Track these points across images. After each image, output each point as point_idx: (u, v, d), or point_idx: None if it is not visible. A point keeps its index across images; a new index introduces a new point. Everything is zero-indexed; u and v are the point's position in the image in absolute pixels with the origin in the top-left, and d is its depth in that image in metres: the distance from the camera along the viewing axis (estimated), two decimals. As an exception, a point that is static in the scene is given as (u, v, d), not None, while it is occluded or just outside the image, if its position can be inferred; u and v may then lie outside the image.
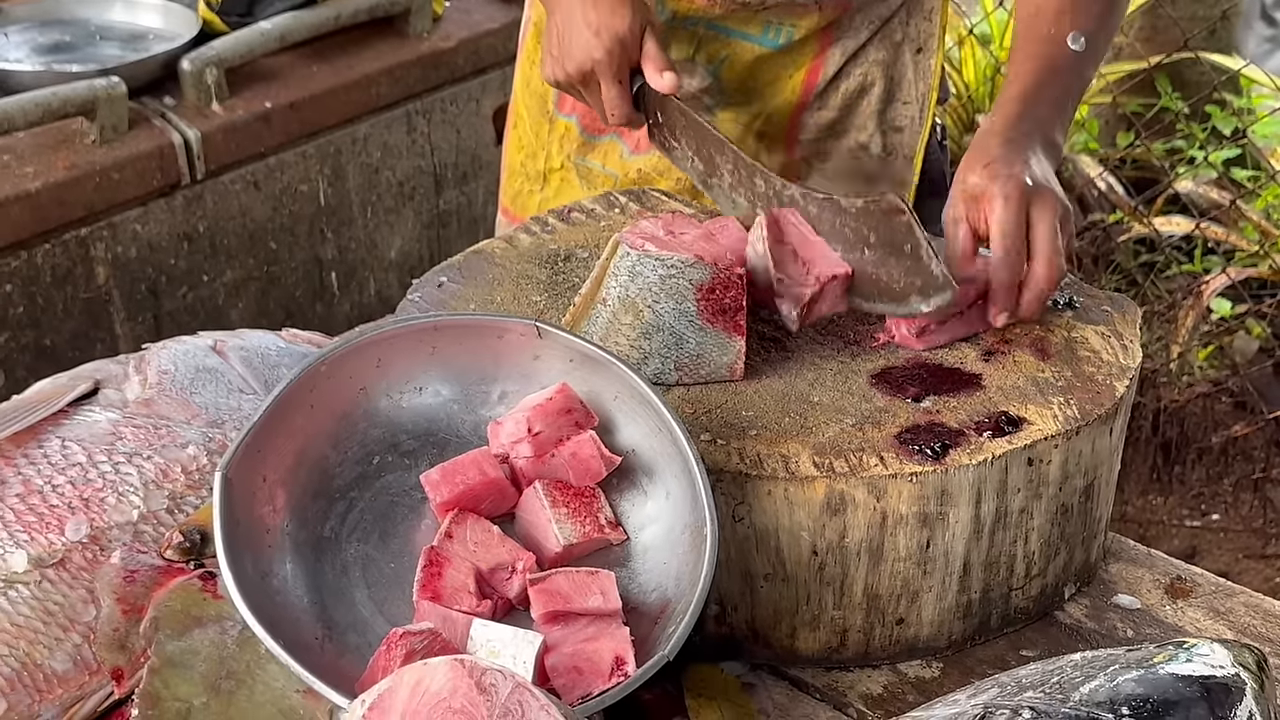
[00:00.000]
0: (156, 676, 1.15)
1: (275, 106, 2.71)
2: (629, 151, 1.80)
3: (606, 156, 1.82)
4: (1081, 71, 1.57)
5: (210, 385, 1.44)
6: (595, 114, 1.78)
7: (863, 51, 1.75)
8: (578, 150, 1.85)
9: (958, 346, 1.39)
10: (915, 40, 1.76)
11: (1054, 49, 1.53)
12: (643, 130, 1.64)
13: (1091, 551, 1.39)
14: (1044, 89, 1.52)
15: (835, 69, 1.75)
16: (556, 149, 1.86)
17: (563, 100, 1.83)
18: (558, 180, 1.87)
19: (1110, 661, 1.02)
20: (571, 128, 1.84)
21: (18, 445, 1.34)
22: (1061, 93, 1.54)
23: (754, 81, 1.75)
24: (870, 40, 1.75)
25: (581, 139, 1.84)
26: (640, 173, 1.79)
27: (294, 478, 1.24)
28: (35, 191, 2.39)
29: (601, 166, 1.82)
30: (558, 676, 1.14)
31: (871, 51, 1.75)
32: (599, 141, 1.82)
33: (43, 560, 1.27)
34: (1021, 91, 1.51)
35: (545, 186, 1.89)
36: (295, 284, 2.86)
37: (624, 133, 1.79)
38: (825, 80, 1.76)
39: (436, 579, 1.19)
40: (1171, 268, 3.63)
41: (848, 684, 1.30)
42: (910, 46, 1.77)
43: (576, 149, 1.85)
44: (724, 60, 1.73)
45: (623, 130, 1.78)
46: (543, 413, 1.26)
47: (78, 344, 2.50)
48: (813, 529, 1.25)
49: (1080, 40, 1.53)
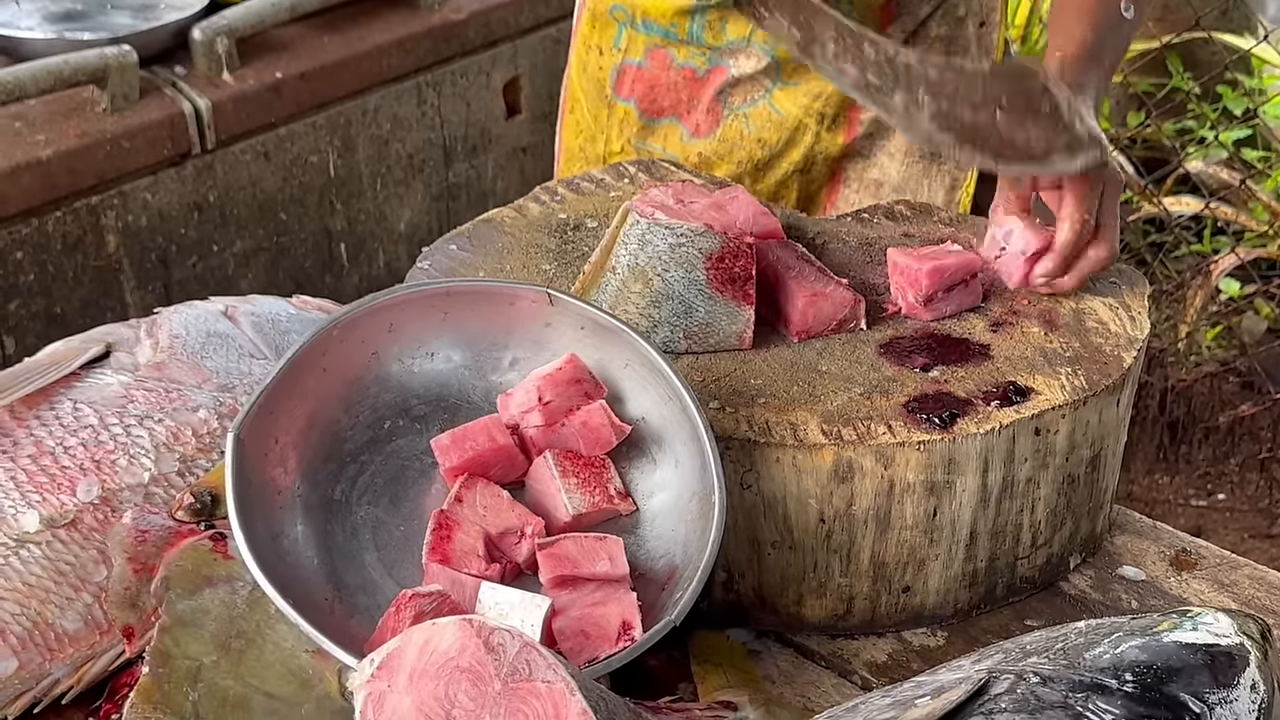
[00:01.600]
0: (167, 635, 1.16)
1: (286, 77, 2.71)
2: (689, 135, 1.80)
3: (666, 139, 1.82)
4: (1127, 40, 1.54)
5: (221, 350, 1.44)
6: (653, 97, 1.78)
7: (923, 28, 1.74)
8: (637, 134, 1.84)
9: (966, 317, 1.39)
10: (978, 14, 1.75)
11: (1107, 13, 1.48)
12: (703, 112, 1.63)
13: (1097, 523, 1.39)
14: (1098, 52, 1.47)
15: None
16: (616, 133, 1.86)
17: (620, 84, 1.82)
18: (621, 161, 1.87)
19: (1114, 629, 1.02)
20: (630, 112, 1.83)
21: (30, 407, 1.35)
22: (1112, 57, 1.50)
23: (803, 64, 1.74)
24: (931, 16, 1.73)
25: (641, 123, 1.83)
26: (701, 156, 1.79)
27: (305, 440, 1.25)
28: (46, 159, 2.40)
29: (662, 149, 1.82)
30: (565, 640, 1.15)
31: (933, 28, 1.74)
32: (658, 125, 1.82)
33: (54, 521, 1.28)
34: (1079, 52, 1.46)
35: None
36: (305, 255, 2.86)
37: (683, 115, 1.79)
38: None
39: (446, 542, 1.20)
40: (1181, 247, 3.63)
41: (852, 651, 1.31)
42: (973, 20, 1.75)
43: (636, 133, 1.84)
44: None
45: (681, 112, 1.78)
46: (552, 382, 1.27)
47: (88, 312, 2.51)
48: (820, 497, 1.25)
49: (1132, 9, 1.49)
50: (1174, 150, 3.64)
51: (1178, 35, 3.54)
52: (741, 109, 1.76)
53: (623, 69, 1.81)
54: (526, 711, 0.95)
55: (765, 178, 1.78)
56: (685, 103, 1.79)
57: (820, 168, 1.78)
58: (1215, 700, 0.94)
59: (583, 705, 0.94)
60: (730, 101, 1.77)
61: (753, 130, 1.77)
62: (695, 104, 1.79)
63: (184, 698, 1.13)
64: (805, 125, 1.75)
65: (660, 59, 1.78)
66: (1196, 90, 3.71)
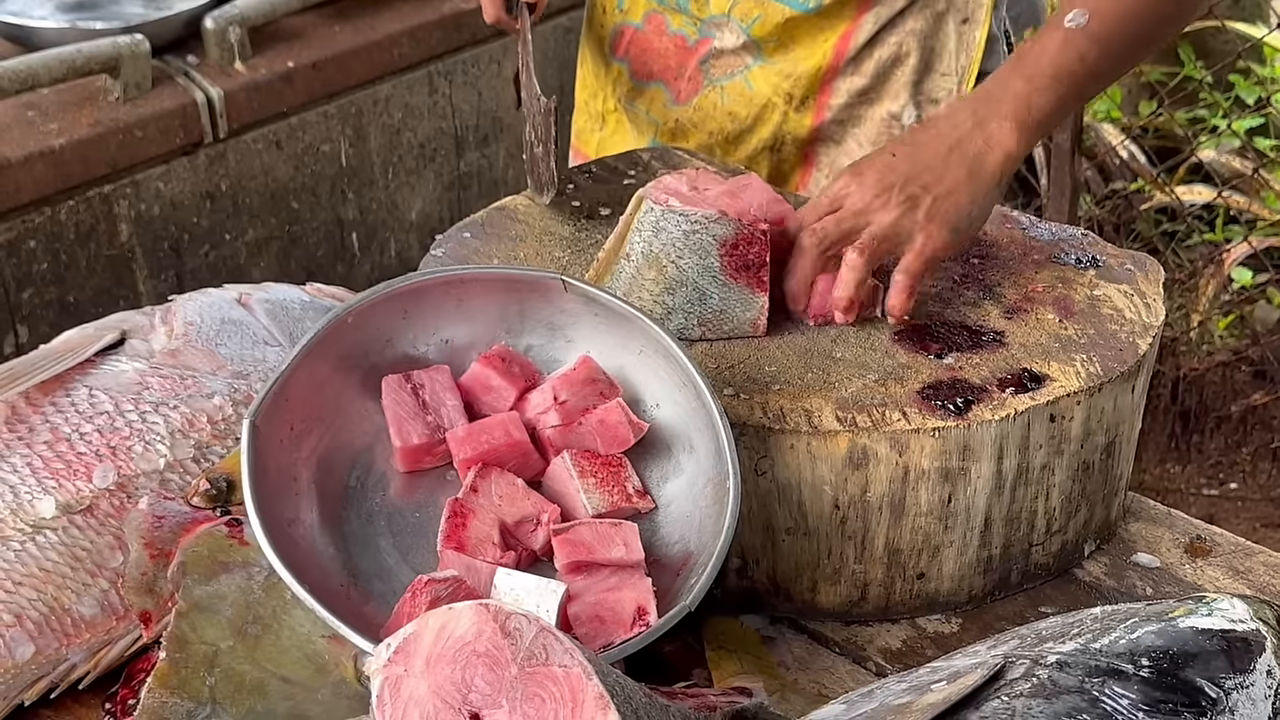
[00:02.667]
0: (184, 620, 1.17)
1: (297, 66, 2.71)
2: (671, 100, 1.81)
3: (652, 103, 1.83)
4: (1073, 51, 1.39)
5: (235, 337, 1.45)
6: (644, 60, 1.80)
7: (899, 20, 1.74)
8: (627, 95, 1.86)
9: (980, 304, 1.39)
10: (961, 10, 1.74)
11: (1051, 29, 1.41)
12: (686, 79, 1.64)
13: (1112, 509, 1.39)
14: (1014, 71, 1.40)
15: (867, 36, 1.74)
16: (610, 91, 1.88)
17: (617, 44, 1.84)
18: (614, 121, 1.89)
19: (1130, 615, 1.02)
20: (623, 72, 1.85)
21: (46, 394, 1.35)
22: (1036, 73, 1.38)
23: (786, 42, 1.75)
24: (908, 9, 1.73)
25: (631, 84, 1.85)
26: (678, 122, 1.80)
27: (320, 427, 1.25)
28: (59, 148, 2.40)
29: (646, 113, 1.83)
30: (580, 625, 1.15)
31: (909, 21, 1.74)
32: (646, 88, 1.83)
33: (70, 507, 1.28)
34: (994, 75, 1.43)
35: (604, 126, 1.91)
36: (316, 244, 2.87)
37: (669, 81, 1.80)
38: (857, 47, 1.75)
39: (461, 530, 1.20)
40: (1193, 236, 3.63)
41: (867, 638, 1.31)
42: (955, 16, 1.75)
43: (626, 93, 1.86)
44: (757, 19, 1.73)
45: (668, 78, 1.80)
46: (568, 382, 1.27)
47: (101, 300, 2.51)
48: (835, 483, 1.25)
49: (1081, 18, 1.39)
50: (1186, 139, 3.63)
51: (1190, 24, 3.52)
52: (720, 81, 1.78)
53: (621, 29, 1.83)
54: (543, 696, 0.95)
55: (736, 152, 1.79)
56: (673, 69, 1.81)
57: (790, 148, 1.78)
58: (1231, 685, 0.94)
59: (600, 689, 0.94)
60: (711, 73, 1.78)
61: (725, 103, 1.78)
62: (682, 71, 1.80)
63: (201, 682, 1.13)
64: (773, 104, 1.76)
65: (656, 24, 1.79)
66: (1209, 79, 3.70)
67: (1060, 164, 3.06)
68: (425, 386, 1.28)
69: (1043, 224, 1.53)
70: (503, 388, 1.28)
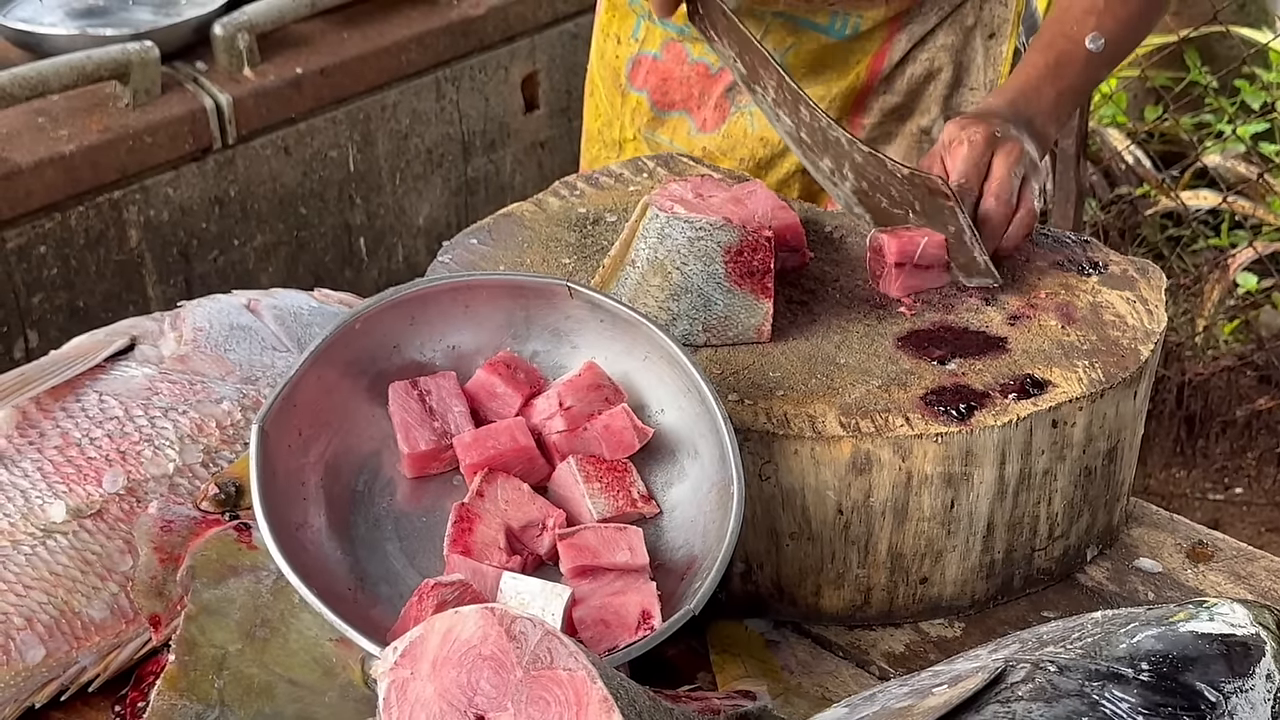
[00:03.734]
0: (193, 623, 1.18)
1: (306, 72, 2.72)
2: (696, 129, 1.81)
3: (675, 132, 1.83)
4: (1093, 73, 1.60)
5: (244, 343, 1.46)
6: (665, 90, 1.80)
7: (930, 36, 1.75)
8: (647, 125, 1.86)
9: (983, 310, 1.40)
10: (988, 25, 1.76)
11: (1071, 45, 1.55)
12: (711, 108, 1.64)
13: (1114, 514, 1.40)
14: (1049, 82, 1.54)
15: (901, 54, 1.75)
16: (629, 121, 1.88)
17: (635, 74, 1.84)
18: (631, 150, 1.89)
19: (1130, 619, 1.03)
20: (643, 102, 1.85)
21: (56, 399, 1.36)
22: (1066, 88, 1.56)
23: (820, 67, 1.75)
24: (939, 25, 1.74)
25: (651, 114, 1.85)
26: (705, 150, 1.80)
27: (327, 433, 1.26)
28: (69, 154, 2.42)
29: (670, 141, 1.84)
30: (585, 629, 1.16)
31: (940, 37, 1.75)
32: (668, 117, 1.84)
33: (80, 511, 1.29)
34: (1026, 80, 1.55)
35: (621, 154, 1.90)
36: (324, 249, 2.88)
37: (693, 109, 1.81)
38: (890, 65, 1.76)
39: (467, 534, 1.21)
40: (1198, 241, 3.63)
41: (870, 642, 1.32)
42: (982, 32, 1.76)
43: (646, 123, 1.86)
44: (790, 47, 1.74)
45: (691, 107, 1.80)
46: (573, 388, 1.28)
47: (110, 305, 2.53)
48: (838, 488, 1.26)
49: (1100, 42, 1.54)
50: (1191, 144, 3.64)
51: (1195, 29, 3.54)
52: (748, 107, 1.78)
53: (638, 59, 1.83)
54: (548, 699, 0.96)
55: (767, 175, 1.79)
56: (696, 97, 1.81)
57: None
58: (1231, 689, 0.95)
59: (604, 693, 0.95)
60: (738, 100, 1.78)
61: (756, 128, 1.78)
62: (705, 99, 1.80)
63: (210, 685, 1.14)
64: None
65: (676, 53, 1.79)
66: (1214, 84, 3.71)
67: (1065, 169, 3.06)
68: (432, 393, 1.29)
69: (1045, 230, 1.54)
70: (508, 394, 1.29)
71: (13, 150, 2.38)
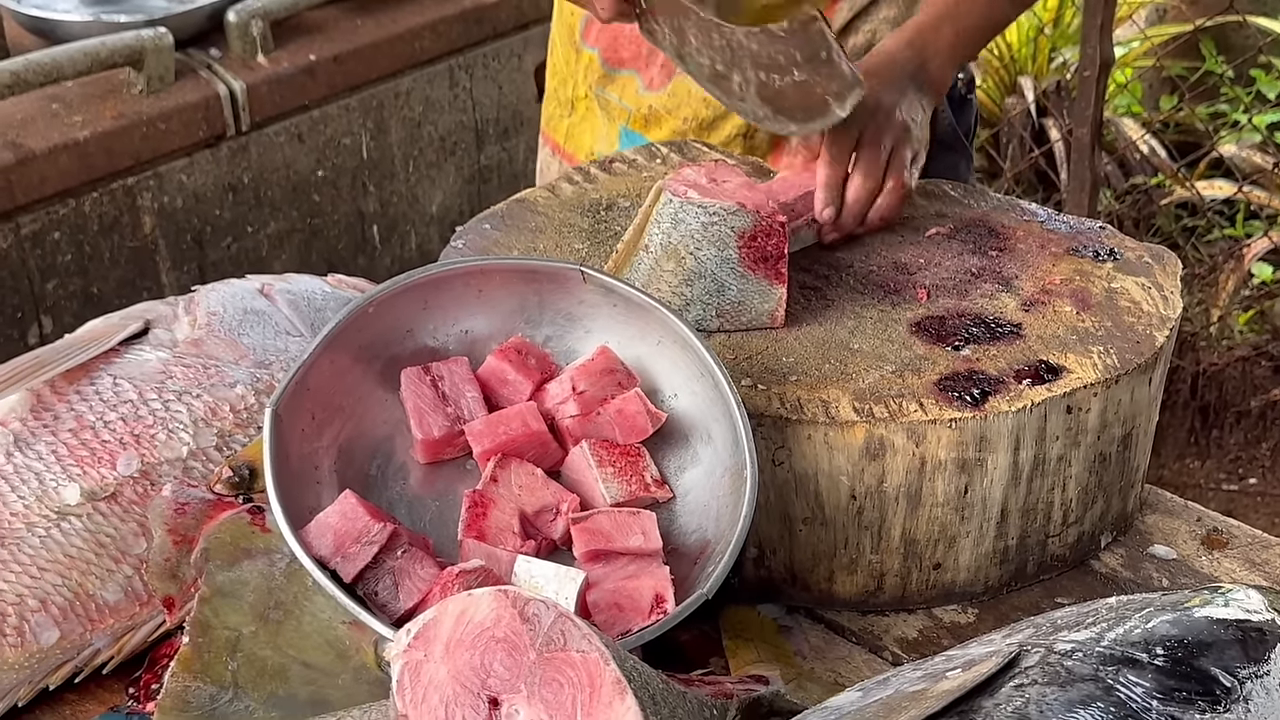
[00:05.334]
0: (207, 605, 1.18)
1: (319, 59, 2.72)
2: (644, 87, 1.82)
3: (624, 90, 1.84)
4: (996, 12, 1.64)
5: (258, 327, 1.46)
6: (615, 48, 1.80)
7: (872, 8, 1.75)
8: (598, 82, 1.87)
9: (998, 296, 1.40)
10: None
11: None
12: (658, 67, 1.64)
13: (1128, 501, 1.40)
14: (949, 21, 1.57)
15: (842, 23, 1.74)
16: (581, 78, 1.89)
17: (588, 31, 1.85)
18: (583, 108, 1.90)
19: (1145, 604, 1.02)
20: (594, 59, 1.86)
21: (70, 382, 1.36)
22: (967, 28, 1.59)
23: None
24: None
25: (602, 71, 1.85)
26: (651, 109, 1.81)
27: (340, 417, 1.27)
28: (83, 140, 2.42)
29: (619, 99, 1.84)
30: (599, 613, 1.16)
31: (882, 9, 1.75)
32: (618, 75, 1.84)
33: (95, 494, 1.29)
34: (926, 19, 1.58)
35: (573, 113, 1.91)
36: (338, 236, 2.88)
37: (641, 68, 1.81)
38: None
39: (481, 519, 1.21)
40: (1213, 232, 3.62)
41: (883, 628, 1.32)
42: None
43: (597, 80, 1.87)
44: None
45: (640, 66, 1.80)
46: (586, 372, 1.28)
47: (123, 292, 2.53)
48: (852, 474, 1.26)
49: None
50: (1207, 134, 3.63)
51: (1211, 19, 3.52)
52: None
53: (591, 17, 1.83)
54: (561, 681, 0.96)
55: (710, 136, 1.80)
56: (644, 56, 1.81)
57: (763, 135, 1.79)
58: (1246, 675, 0.94)
59: (617, 674, 0.95)
60: None
61: (699, 89, 1.78)
62: (653, 58, 1.80)
63: (223, 667, 1.15)
64: None
65: None
66: (1230, 74, 3.70)
67: (1080, 158, 3.05)
68: (445, 379, 1.29)
69: (1060, 217, 1.53)
70: (518, 381, 1.29)
71: (27, 136, 2.39)
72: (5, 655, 1.22)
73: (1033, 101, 3.70)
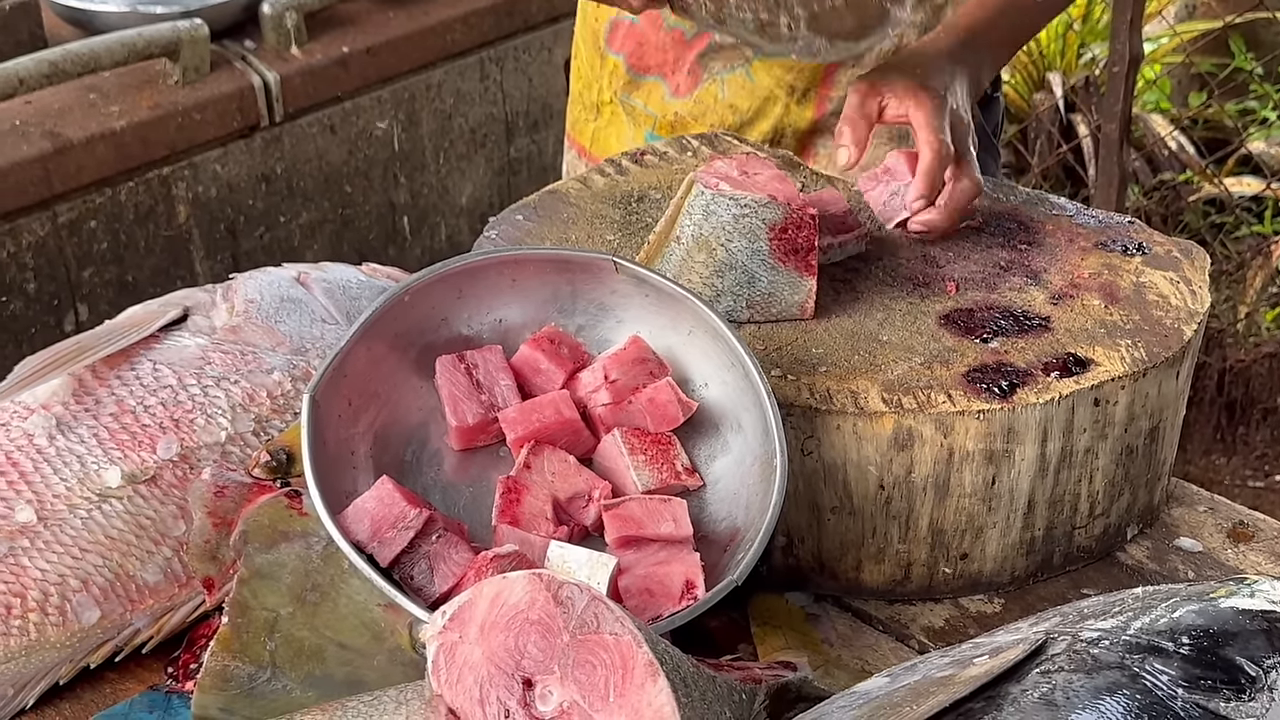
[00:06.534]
0: (245, 586, 1.20)
1: (352, 51, 2.74)
2: (670, 94, 1.83)
3: (649, 96, 1.85)
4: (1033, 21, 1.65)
5: (294, 314, 1.48)
6: (641, 54, 1.82)
7: None
8: (623, 88, 1.88)
9: (1026, 289, 1.41)
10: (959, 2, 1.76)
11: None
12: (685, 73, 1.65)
13: (1155, 494, 1.41)
14: (990, 30, 1.57)
15: None
16: (606, 84, 1.90)
17: (612, 37, 1.86)
18: (609, 113, 1.91)
19: (1171, 594, 1.04)
20: (619, 65, 1.87)
21: (111, 367, 1.39)
22: (1006, 36, 1.60)
23: None
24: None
25: (628, 77, 1.86)
26: (677, 115, 1.82)
27: (376, 403, 1.28)
28: (120, 130, 2.45)
29: (644, 106, 1.85)
30: (630, 598, 1.18)
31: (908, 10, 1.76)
32: (644, 81, 1.85)
33: (135, 477, 1.32)
34: (970, 24, 1.57)
35: (598, 117, 1.92)
36: (369, 227, 2.90)
37: (667, 74, 1.82)
38: None
39: (515, 505, 1.23)
40: (1241, 228, 3.61)
41: (910, 617, 1.33)
42: (953, 8, 1.76)
43: (623, 86, 1.88)
44: None
45: (666, 72, 1.81)
46: (618, 361, 1.29)
47: (158, 280, 2.56)
48: (880, 464, 1.27)
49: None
50: (1235, 130, 3.62)
51: (1240, 15, 3.51)
52: (720, 74, 1.79)
53: (616, 23, 1.84)
54: (594, 663, 0.97)
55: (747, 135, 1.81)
56: (671, 63, 1.82)
57: (789, 141, 1.79)
58: (1271, 664, 0.95)
59: (649, 657, 0.96)
60: (711, 66, 1.79)
61: (727, 95, 1.79)
62: (680, 65, 1.81)
63: (262, 647, 1.17)
64: (775, 96, 1.77)
65: (652, 17, 1.80)
66: (1259, 70, 3.69)
67: (1108, 154, 3.06)
68: (479, 366, 1.31)
69: (1089, 211, 1.54)
70: (551, 370, 1.31)
71: (65, 126, 2.41)
72: (48, 634, 1.25)
73: (1061, 97, 3.70)
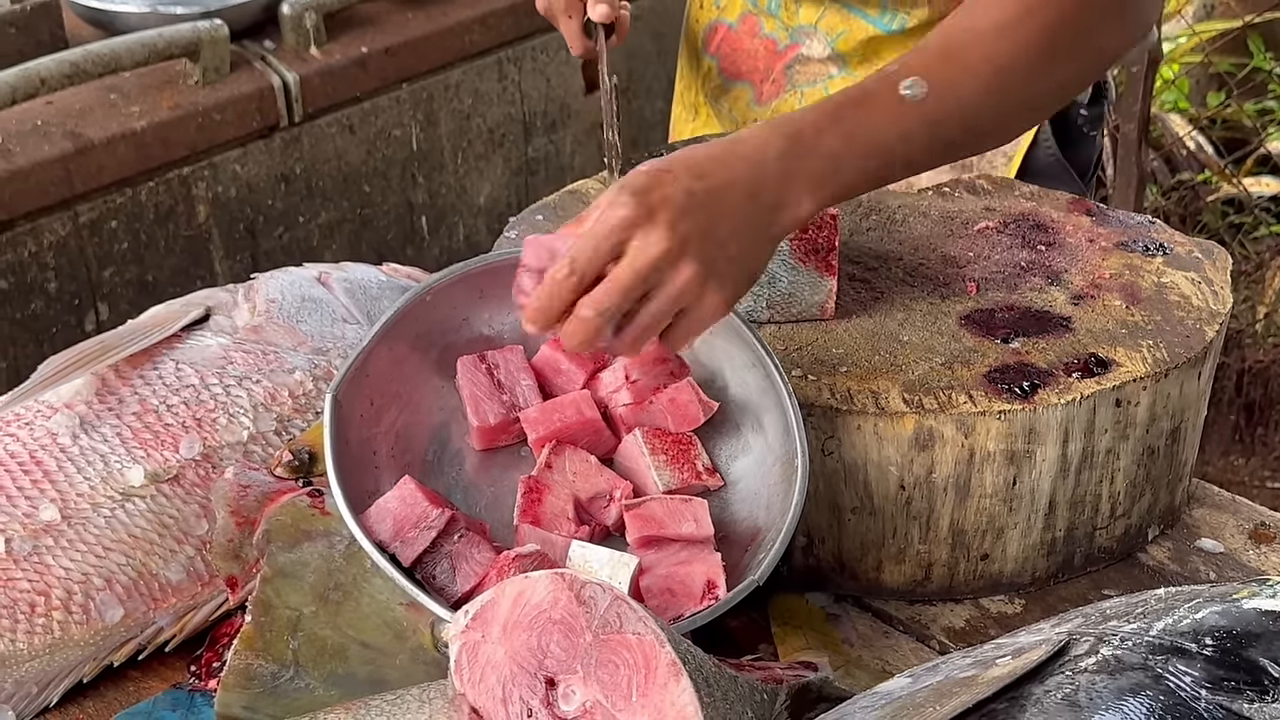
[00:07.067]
0: (269, 585, 1.21)
1: (371, 52, 2.75)
2: (754, 101, 1.83)
3: (735, 102, 1.85)
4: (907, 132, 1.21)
5: (315, 314, 1.49)
6: (734, 59, 1.83)
7: None
8: (713, 91, 1.89)
9: (1047, 290, 1.41)
10: None
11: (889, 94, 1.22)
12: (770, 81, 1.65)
13: (1176, 495, 1.40)
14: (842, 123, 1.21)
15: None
16: (701, 85, 1.91)
17: (710, 40, 1.87)
18: (705, 114, 1.92)
19: (1193, 596, 1.03)
20: (713, 68, 1.88)
21: (134, 367, 1.39)
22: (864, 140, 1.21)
23: (870, 57, 1.76)
24: None
25: (719, 81, 1.87)
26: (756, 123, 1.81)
27: (398, 403, 1.29)
28: (140, 130, 2.45)
29: (729, 111, 1.86)
30: (651, 598, 1.18)
31: None
32: (733, 86, 1.86)
33: (158, 475, 1.32)
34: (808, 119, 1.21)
35: (696, 118, 1.94)
36: (387, 227, 2.91)
37: (754, 81, 1.82)
38: None
39: (536, 505, 1.23)
40: (1260, 229, 3.60)
41: (931, 617, 1.33)
42: None
43: (713, 89, 1.89)
44: (841, 34, 1.75)
45: (755, 80, 1.82)
46: (639, 362, 1.30)
47: (178, 280, 2.56)
48: (901, 464, 1.27)
49: (917, 89, 1.20)
50: (1254, 130, 3.61)
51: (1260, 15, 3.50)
52: (802, 87, 1.79)
53: (715, 26, 1.86)
54: (617, 662, 0.98)
55: None
56: (760, 70, 1.83)
57: None
58: (1293, 666, 0.95)
59: (672, 656, 0.97)
60: (795, 78, 1.80)
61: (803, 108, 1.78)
62: (768, 73, 1.82)
63: (284, 645, 1.17)
64: None
65: (750, 25, 1.81)
66: (1278, 70, 3.67)
67: (1127, 154, 3.05)
68: (500, 366, 1.31)
69: (1110, 211, 1.54)
70: (572, 370, 1.31)
71: (86, 126, 2.42)
72: (71, 632, 1.26)
73: (1080, 97, 3.69)
